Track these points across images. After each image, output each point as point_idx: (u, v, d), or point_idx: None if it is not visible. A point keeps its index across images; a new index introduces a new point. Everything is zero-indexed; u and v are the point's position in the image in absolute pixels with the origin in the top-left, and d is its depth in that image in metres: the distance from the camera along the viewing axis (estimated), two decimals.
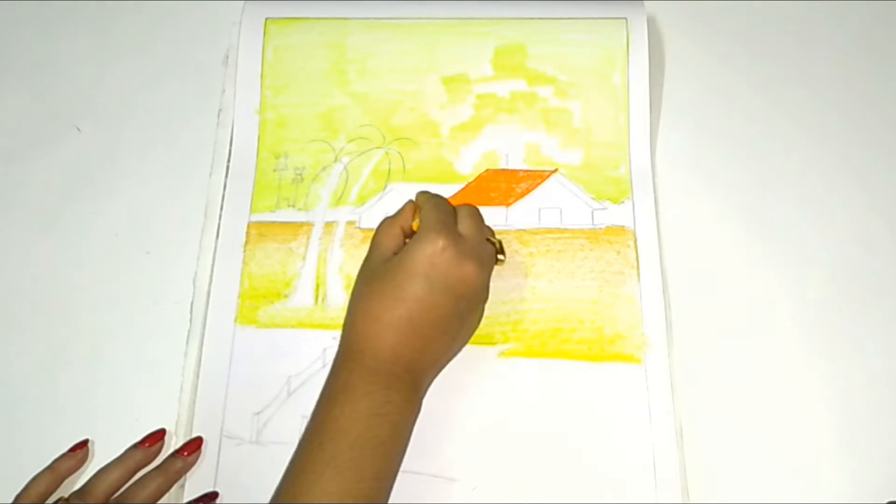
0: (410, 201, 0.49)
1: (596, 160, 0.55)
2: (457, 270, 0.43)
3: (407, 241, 0.47)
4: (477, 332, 0.49)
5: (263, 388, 0.49)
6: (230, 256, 0.53)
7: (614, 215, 0.53)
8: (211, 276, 0.52)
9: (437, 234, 0.43)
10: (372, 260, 0.45)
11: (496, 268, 0.47)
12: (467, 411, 0.48)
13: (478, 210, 0.48)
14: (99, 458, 0.46)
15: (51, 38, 0.62)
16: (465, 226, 0.46)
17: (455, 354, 0.47)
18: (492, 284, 0.50)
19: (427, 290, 0.42)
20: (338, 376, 0.42)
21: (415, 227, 0.47)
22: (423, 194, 0.49)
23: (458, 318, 0.44)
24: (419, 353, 0.43)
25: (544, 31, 0.57)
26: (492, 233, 0.49)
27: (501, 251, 0.48)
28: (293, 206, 0.54)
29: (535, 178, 0.55)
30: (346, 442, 0.39)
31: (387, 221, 0.47)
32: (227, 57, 0.59)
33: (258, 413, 0.48)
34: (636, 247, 0.52)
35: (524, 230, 0.52)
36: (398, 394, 0.42)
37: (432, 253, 0.43)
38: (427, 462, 0.46)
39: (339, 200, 0.54)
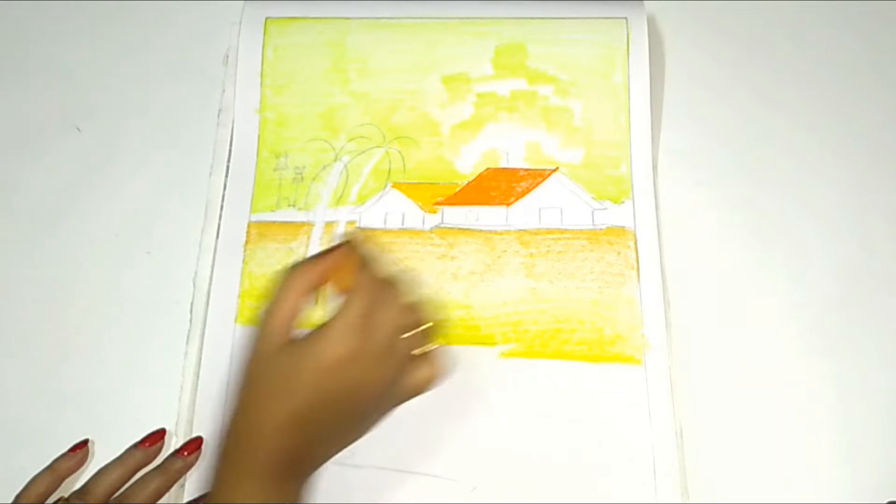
0: (338, 248, 0.41)
1: (597, 159, 0.55)
2: (362, 376, 0.38)
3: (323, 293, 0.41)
4: (478, 333, 0.49)
5: None
6: (230, 256, 0.52)
7: (615, 216, 0.53)
8: (211, 276, 0.52)
9: (352, 337, 0.38)
10: (264, 346, 0.39)
11: (497, 268, 0.46)
12: (467, 411, 0.48)
13: (406, 292, 0.40)
14: (99, 458, 0.46)
15: (51, 38, 0.62)
16: (384, 317, 0.39)
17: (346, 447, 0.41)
18: (493, 285, 0.51)
19: (320, 393, 0.37)
20: (218, 473, 0.38)
21: (339, 287, 0.40)
22: (361, 258, 0.40)
23: (352, 417, 0.40)
24: (305, 454, 0.39)
25: (545, 31, 0.56)
26: (425, 309, 0.41)
27: (425, 338, 0.41)
28: (293, 205, 0.54)
29: (535, 176, 0.55)
30: None
31: (299, 269, 0.40)
32: (227, 57, 0.59)
33: None
34: (636, 248, 0.52)
35: (525, 230, 0.52)
36: (279, 493, 0.37)
37: (341, 356, 0.37)
38: (427, 462, 0.46)
39: (339, 200, 0.54)
